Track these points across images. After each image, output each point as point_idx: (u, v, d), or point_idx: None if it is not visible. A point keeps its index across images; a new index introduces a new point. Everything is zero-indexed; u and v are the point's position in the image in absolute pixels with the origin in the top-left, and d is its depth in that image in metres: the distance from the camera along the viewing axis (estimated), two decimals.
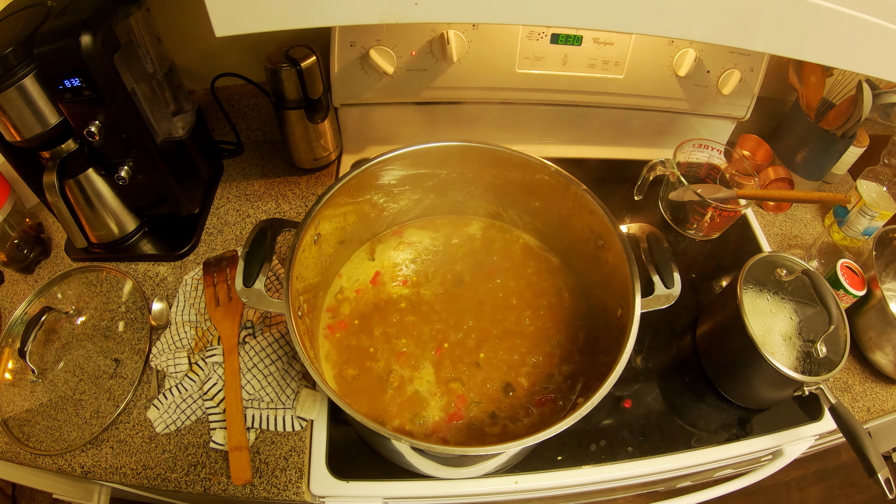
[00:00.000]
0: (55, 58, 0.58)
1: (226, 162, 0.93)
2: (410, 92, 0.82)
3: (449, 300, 0.69)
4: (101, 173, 0.72)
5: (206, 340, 0.69)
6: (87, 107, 0.62)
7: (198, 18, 0.78)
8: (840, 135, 0.87)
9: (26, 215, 0.79)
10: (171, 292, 0.75)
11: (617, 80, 0.83)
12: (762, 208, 0.96)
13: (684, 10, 0.42)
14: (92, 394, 0.66)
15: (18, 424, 0.64)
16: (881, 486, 0.58)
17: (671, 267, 0.58)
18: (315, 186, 0.89)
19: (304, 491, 0.60)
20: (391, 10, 0.41)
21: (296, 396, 0.65)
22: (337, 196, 0.61)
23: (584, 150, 0.95)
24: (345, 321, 0.67)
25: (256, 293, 0.54)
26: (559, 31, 0.77)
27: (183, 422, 0.64)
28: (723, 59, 0.82)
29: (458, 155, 0.67)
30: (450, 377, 0.63)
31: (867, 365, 0.77)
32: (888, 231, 0.81)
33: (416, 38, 0.76)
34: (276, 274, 0.75)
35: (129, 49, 0.66)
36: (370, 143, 0.92)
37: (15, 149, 0.65)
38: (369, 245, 0.74)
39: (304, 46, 0.76)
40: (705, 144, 0.85)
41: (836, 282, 0.74)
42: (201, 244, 0.81)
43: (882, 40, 0.43)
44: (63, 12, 0.60)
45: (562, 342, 0.67)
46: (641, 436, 0.66)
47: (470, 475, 0.62)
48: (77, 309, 0.73)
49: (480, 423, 0.61)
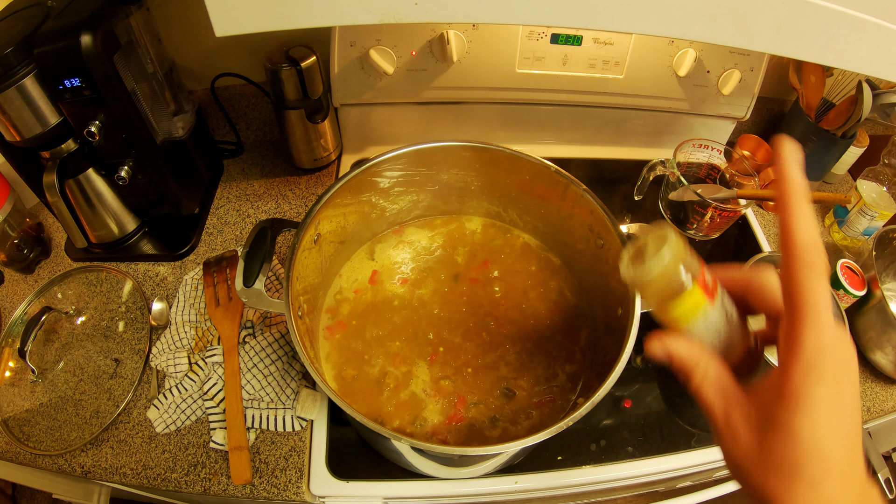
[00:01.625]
0: (55, 58, 0.58)
1: (226, 162, 0.93)
2: (410, 92, 0.82)
3: (448, 300, 0.69)
4: (101, 173, 0.72)
5: (206, 340, 0.69)
6: (87, 107, 0.62)
7: (198, 18, 0.78)
8: (840, 135, 0.87)
9: (26, 215, 0.79)
10: (171, 292, 0.75)
11: (617, 80, 0.83)
12: (762, 208, 0.96)
13: (684, 10, 0.42)
14: (92, 394, 0.66)
15: (18, 424, 0.64)
16: (881, 486, 0.58)
17: None
18: (315, 186, 0.89)
19: (304, 491, 0.60)
20: (391, 10, 0.41)
21: (296, 396, 0.65)
22: (337, 196, 0.61)
23: (584, 150, 0.95)
24: (344, 322, 0.67)
25: (256, 293, 0.54)
26: (559, 31, 0.77)
27: (183, 422, 0.64)
28: (723, 59, 0.82)
29: (458, 155, 0.67)
30: (448, 379, 0.63)
31: (867, 365, 0.77)
32: (888, 231, 0.81)
33: (416, 38, 0.76)
34: (276, 274, 0.75)
35: (129, 49, 0.66)
36: (370, 143, 0.92)
37: (15, 149, 0.65)
38: (369, 245, 0.74)
39: (304, 46, 0.76)
40: (705, 144, 0.85)
41: (836, 282, 0.74)
42: (201, 244, 0.81)
43: (882, 40, 0.43)
44: (63, 12, 0.60)
45: (564, 342, 0.67)
46: (641, 436, 0.66)
47: (470, 475, 0.62)
48: (77, 309, 0.73)
49: (480, 425, 0.60)
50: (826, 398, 0.26)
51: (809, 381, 0.26)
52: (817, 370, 0.26)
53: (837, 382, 0.26)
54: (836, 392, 0.26)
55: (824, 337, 0.27)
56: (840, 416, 0.26)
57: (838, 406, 0.26)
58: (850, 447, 0.27)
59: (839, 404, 0.26)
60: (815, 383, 0.26)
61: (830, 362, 0.26)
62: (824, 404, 0.26)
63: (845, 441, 0.26)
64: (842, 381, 0.26)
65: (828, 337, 0.27)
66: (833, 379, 0.26)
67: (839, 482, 0.26)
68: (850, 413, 0.27)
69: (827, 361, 0.26)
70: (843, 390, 0.26)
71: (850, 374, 0.27)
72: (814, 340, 0.27)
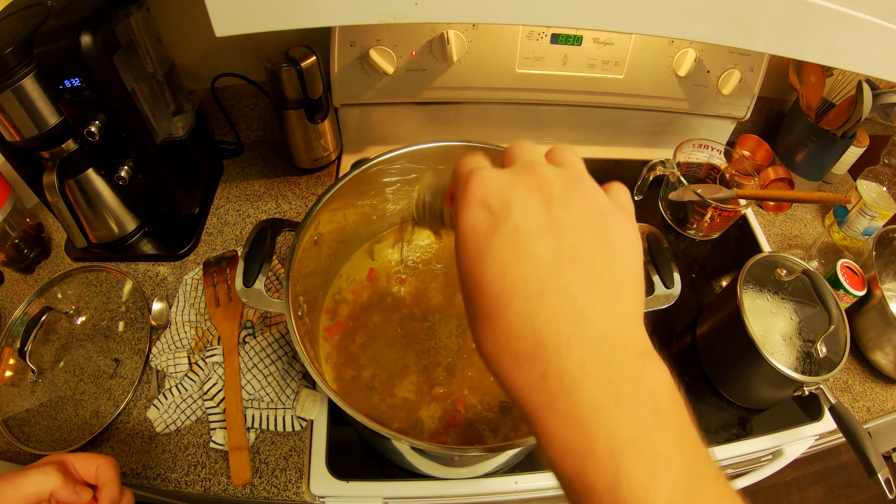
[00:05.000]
0: (55, 58, 0.58)
1: (226, 162, 0.93)
2: (410, 92, 0.82)
3: (448, 300, 0.69)
4: (101, 173, 0.72)
5: (206, 340, 0.69)
6: (87, 107, 0.62)
7: (198, 18, 0.78)
8: (840, 135, 0.87)
9: (26, 215, 0.79)
10: (171, 292, 0.75)
11: (617, 80, 0.83)
12: (762, 208, 0.96)
13: (684, 10, 0.42)
14: (92, 394, 0.66)
15: (18, 424, 0.64)
16: (881, 486, 0.58)
17: (671, 267, 0.58)
18: (315, 186, 0.89)
19: (304, 491, 0.60)
20: (391, 10, 0.41)
21: (296, 396, 0.65)
22: (337, 196, 0.61)
23: (583, 150, 0.95)
24: (342, 322, 0.67)
25: (256, 293, 0.54)
26: (559, 31, 0.77)
27: (183, 422, 0.64)
28: (723, 59, 0.82)
29: (458, 155, 0.66)
30: (448, 380, 0.63)
31: (867, 365, 0.77)
32: (888, 231, 0.81)
33: (416, 38, 0.76)
34: (276, 274, 0.75)
35: (129, 49, 0.66)
36: (370, 143, 0.92)
37: (15, 149, 0.65)
38: (369, 245, 0.74)
39: (304, 46, 0.76)
40: (705, 144, 0.85)
41: (836, 282, 0.74)
42: (201, 244, 0.81)
43: (882, 40, 0.43)
44: (63, 12, 0.60)
45: None
46: None
47: (470, 475, 0.62)
48: (77, 309, 0.73)
49: (480, 425, 0.60)
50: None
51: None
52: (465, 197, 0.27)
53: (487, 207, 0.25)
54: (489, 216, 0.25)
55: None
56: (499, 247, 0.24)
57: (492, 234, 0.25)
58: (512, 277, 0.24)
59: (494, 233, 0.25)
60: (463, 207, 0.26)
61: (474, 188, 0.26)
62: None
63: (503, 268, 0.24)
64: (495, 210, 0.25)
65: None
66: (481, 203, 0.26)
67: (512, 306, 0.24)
68: (510, 239, 0.25)
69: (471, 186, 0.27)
70: (498, 219, 0.25)
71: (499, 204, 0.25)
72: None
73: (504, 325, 0.24)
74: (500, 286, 0.24)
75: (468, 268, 0.25)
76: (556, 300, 0.23)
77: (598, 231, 0.25)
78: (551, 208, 0.25)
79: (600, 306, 0.24)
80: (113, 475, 0.44)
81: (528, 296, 0.23)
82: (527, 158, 0.28)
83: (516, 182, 0.26)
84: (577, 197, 0.26)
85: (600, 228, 0.26)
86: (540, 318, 0.23)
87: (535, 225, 0.25)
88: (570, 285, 0.24)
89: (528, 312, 0.23)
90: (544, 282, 0.24)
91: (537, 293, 0.23)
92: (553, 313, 0.23)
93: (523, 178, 0.26)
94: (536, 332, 0.23)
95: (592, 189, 0.27)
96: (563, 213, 0.25)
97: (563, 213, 0.25)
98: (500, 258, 0.24)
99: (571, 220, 0.25)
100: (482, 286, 0.25)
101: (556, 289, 0.23)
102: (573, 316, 0.23)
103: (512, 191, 0.26)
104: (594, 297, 0.24)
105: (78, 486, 0.41)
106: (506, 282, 0.24)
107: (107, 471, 0.43)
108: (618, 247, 0.25)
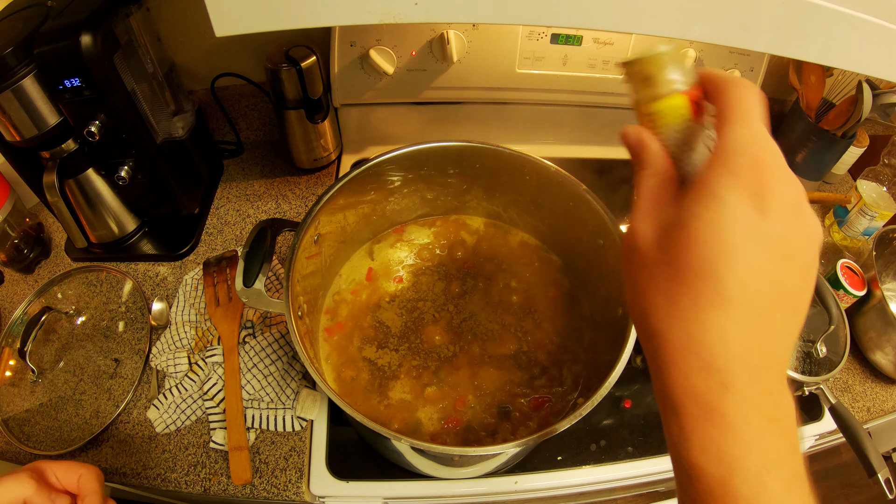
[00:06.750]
0: (55, 58, 0.58)
1: (226, 162, 0.93)
2: (410, 92, 0.82)
3: (447, 299, 0.69)
4: (101, 173, 0.72)
5: (206, 340, 0.69)
6: (87, 107, 0.62)
7: (198, 18, 0.78)
8: (840, 135, 0.87)
9: (26, 215, 0.79)
10: (171, 292, 0.75)
11: (617, 80, 0.83)
12: None
13: (684, 10, 0.42)
14: (92, 394, 0.66)
15: (18, 424, 0.64)
16: (881, 486, 0.58)
17: None
18: (315, 186, 0.89)
19: (304, 491, 0.60)
20: (391, 10, 0.41)
21: (296, 396, 0.65)
22: (337, 196, 0.61)
23: (584, 150, 0.95)
24: (342, 323, 0.67)
25: (256, 293, 0.54)
26: (559, 31, 0.77)
27: (183, 422, 0.64)
28: (723, 59, 0.82)
29: (458, 155, 0.67)
30: (448, 380, 0.63)
31: (867, 365, 0.77)
32: (888, 231, 0.81)
33: (416, 38, 0.76)
34: (276, 274, 0.75)
35: (129, 49, 0.66)
36: (370, 143, 0.92)
37: (15, 149, 0.65)
38: (369, 245, 0.74)
39: (304, 46, 0.76)
40: None
41: (836, 282, 0.74)
42: (201, 244, 0.81)
43: (882, 40, 0.43)
44: (63, 12, 0.60)
45: (563, 342, 0.67)
46: (641, 436, 0.66)
47: (470, 475, 0.62)
48: (77, 309, 0.73)
49: (480, 426, 0.60)
50: (738, 202, 0.22)
51: (722, 175, 0.23)
52: (731, 165, 0.23)
53: (758, 195, 0.22)
54: (755, 203, 0.22)
55: (746, 135, 0.23)
56: (755, 241, 0.22)
57: (751, 226, 0.22)
58: (760, 289, 0.22)
59: (754, 224, 0.22)
60: (728, 178, 0.23)
61: (750, 165, 0.23)
62: (732, 206, 0.22)
63: (752, 274, 0.22)
64: (766, 199, 0.22)
65: (752, 136, 0.23)
66: (751, 184, 0.22)
67: (732, 313, 0.22)
68: (772, 248, 0.22)
69: (746, 161, 0.23)
70: (766, 211, 0.22)
71: (778, 197, 0.23)
72: (735, 137, 0.23)
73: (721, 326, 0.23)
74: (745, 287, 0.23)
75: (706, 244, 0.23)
76: (768, 330, 0.23)
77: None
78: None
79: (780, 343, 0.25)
80: (95, 487, 0.41)
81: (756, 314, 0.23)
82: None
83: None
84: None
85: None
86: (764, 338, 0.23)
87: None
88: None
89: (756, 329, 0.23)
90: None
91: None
92: (763, 341, 0.23)
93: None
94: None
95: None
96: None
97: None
98: (753, 260, 0.23)
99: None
100: (723, 283, 0.23)
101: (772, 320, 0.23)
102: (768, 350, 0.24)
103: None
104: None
105: (54, 494, 0.39)
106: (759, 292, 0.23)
107: (88, 482, 0.41)
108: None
